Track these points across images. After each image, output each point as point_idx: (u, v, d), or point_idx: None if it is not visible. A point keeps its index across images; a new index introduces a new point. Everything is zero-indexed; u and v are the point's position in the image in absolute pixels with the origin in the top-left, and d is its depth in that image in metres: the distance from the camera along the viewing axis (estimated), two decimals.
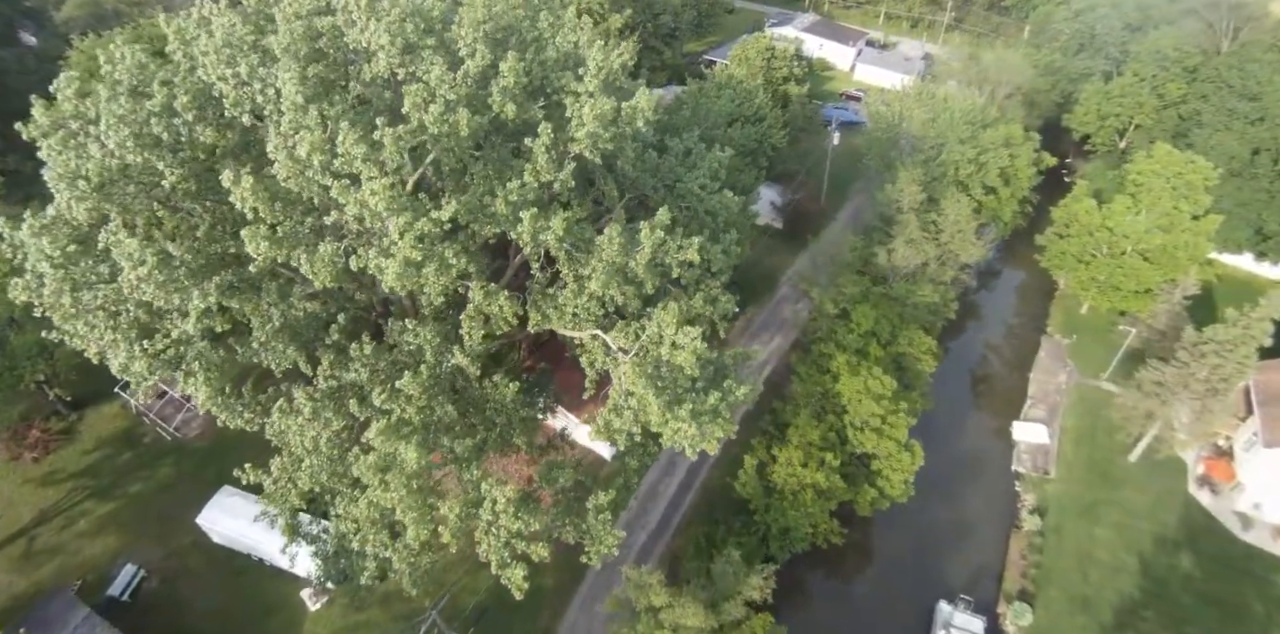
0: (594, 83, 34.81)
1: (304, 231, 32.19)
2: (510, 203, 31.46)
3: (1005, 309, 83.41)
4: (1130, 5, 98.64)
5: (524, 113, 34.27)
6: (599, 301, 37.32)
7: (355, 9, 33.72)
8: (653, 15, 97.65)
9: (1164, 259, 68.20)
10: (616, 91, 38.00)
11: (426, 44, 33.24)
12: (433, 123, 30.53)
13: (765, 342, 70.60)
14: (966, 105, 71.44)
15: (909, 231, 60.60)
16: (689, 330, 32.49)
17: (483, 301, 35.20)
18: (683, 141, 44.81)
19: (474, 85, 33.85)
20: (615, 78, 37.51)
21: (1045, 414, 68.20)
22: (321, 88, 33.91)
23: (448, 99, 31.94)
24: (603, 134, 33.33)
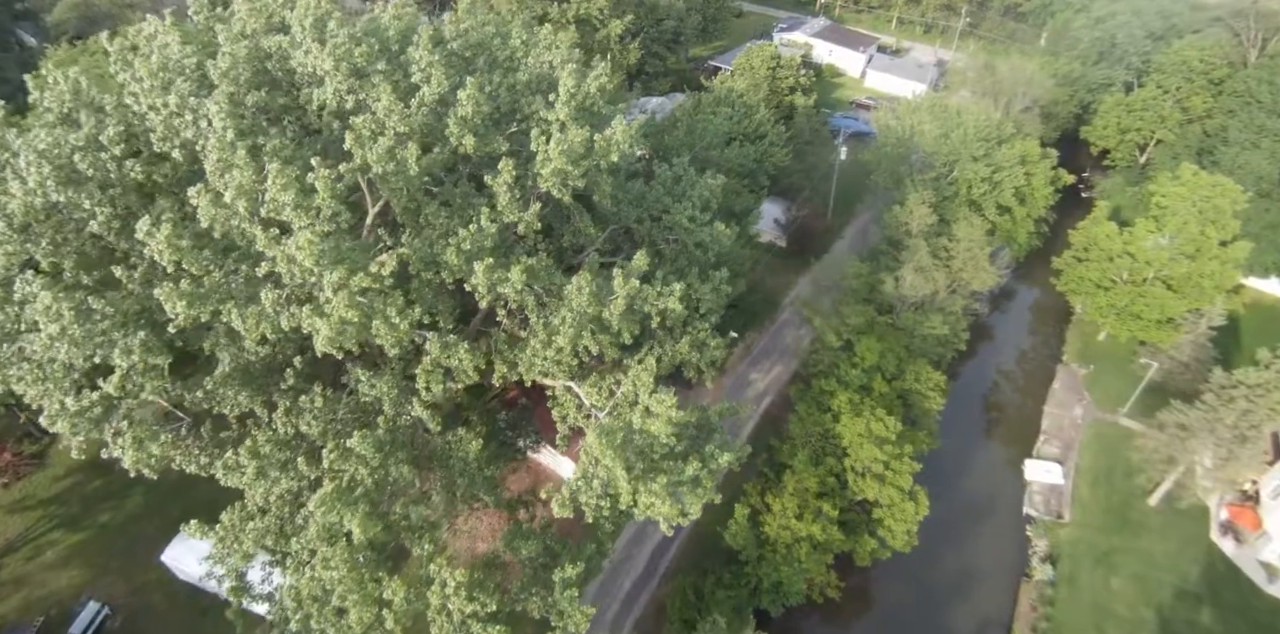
0: (564, 111, 30.98)
1: (238, 281, 28.56)
2: (463, 251, 27.70)
3: (1019, 334, 79.14)
4: (1152, 13, 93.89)
5: (486, 145, 30.53)
6: (571, 351, 33.59)
7: (300, 30, 30.03)
8: (655, 20, 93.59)
9: (1188, 288, 63.88)
10: (593, 117, 34.14)
11: (377, 69, 29.52)
12: (377, 160, 26.82)
13: (765, 370, 66.72)
14: (980, 120, 67.19)
15: (918, 258, 56.55)
16: (663, 398, 28.66)
17: (440, 354, 31.52)
18: (671, 168, 40.95)
19: (430, 115, 30.13)
20: (593, 102, 33.64)
21: (1060, 451, 64.06)
22: (261, 118, 30.30)
23: (398, 131, 28.26)
24: (571, 170, 29.54)
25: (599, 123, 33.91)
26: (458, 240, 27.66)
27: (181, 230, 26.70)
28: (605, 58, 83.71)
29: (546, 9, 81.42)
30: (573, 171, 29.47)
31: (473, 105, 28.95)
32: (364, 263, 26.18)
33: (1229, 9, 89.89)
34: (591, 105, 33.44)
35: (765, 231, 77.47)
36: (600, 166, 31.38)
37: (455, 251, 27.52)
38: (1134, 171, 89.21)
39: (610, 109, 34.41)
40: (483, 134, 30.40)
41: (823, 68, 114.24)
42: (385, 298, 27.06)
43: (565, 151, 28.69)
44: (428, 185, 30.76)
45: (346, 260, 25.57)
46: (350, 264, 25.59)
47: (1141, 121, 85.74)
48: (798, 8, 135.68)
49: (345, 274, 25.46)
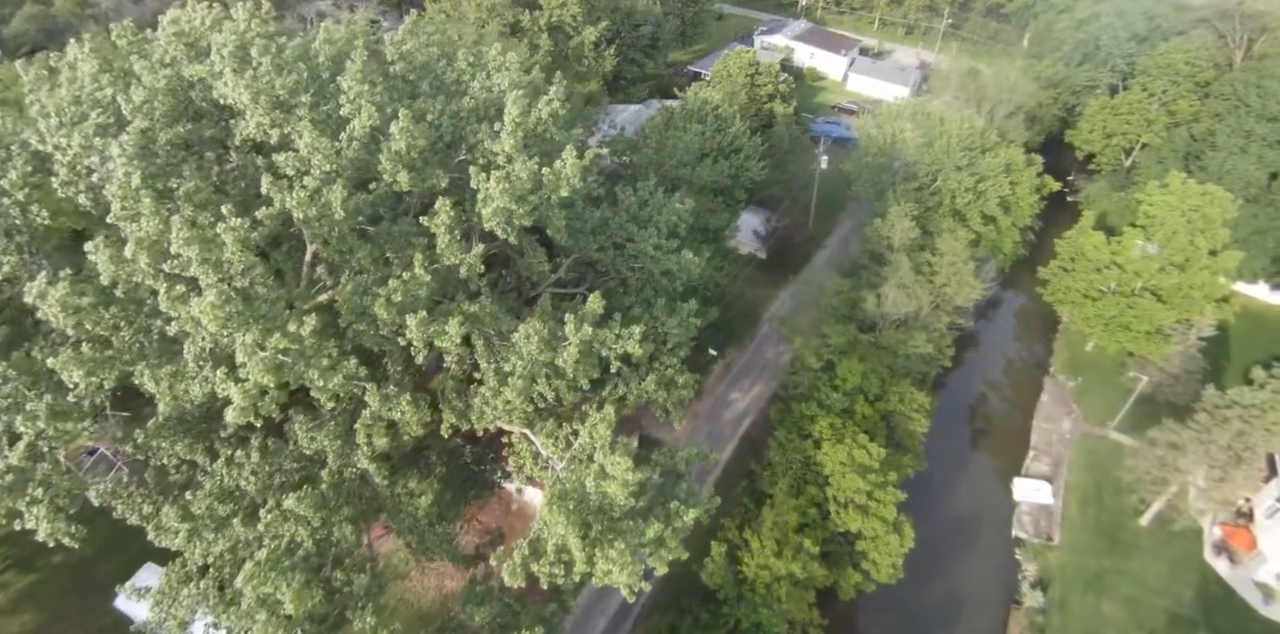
0: (510, 142, 28.26)
1: (152, 339, 25.79)
2: (393, 304, 24.99)
3: (1005, 343, 76.85)
4: (1137, 14, 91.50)
5: (424, 180, 27.79)
6: (525, 399, 30.95)
7: (219, 59, 27.23)
8: (632, 26, 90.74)
9: (1178, 298, 61.59)
10: (546, 144, 31.43)
11: (301, 101, 26.73)
12: (297, 206, 24.09)
13: (744, 389, 64.16)
14: (964, 129, 64.70)
15: (900, 274, 54.07)
16: (619, 460, 26.02)
17: (380, 408, 28.85)
18: (637, 192, 38.28)
19: (363, 149, 27.38)
20: (545, 129, 30.91)
21: (1049, 468, 61.79)
22: (180, 155, 27.48)
23: (324, 170, 25.52)
24: (516, 209, 26.84)
25: (553, 150, 31.19)
26: (388, 291, 24.95)
27: (84, 287, 23.89)
28: (578, 66, 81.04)
29: (518, 17, 78.54)
30: (518, 210, 26.79)
31: (406, 139, 26.22)
32: (282, 321, 23.43)
33: (1214, 10, 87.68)
34: (544, 132, 30.71)
35: (745, 243, 74.83)
36: (551, 201, 28.68)
37: (385, 304, 24.82)
38: (1120, 176, 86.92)
39: (565, 135, 31.63)
40: (421, 168, 27.66)
41: (804, 71, 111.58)
42: (312, 355, 24.32)
43: (508, 190, 25.96)
44: (363, 225, 28.03)
45: (261, 320, 22.82)
46: (265, 324, 22.85)
47: (1127, 125, 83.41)
48: (779, 10, 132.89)
49: (260, 335, 22.74)
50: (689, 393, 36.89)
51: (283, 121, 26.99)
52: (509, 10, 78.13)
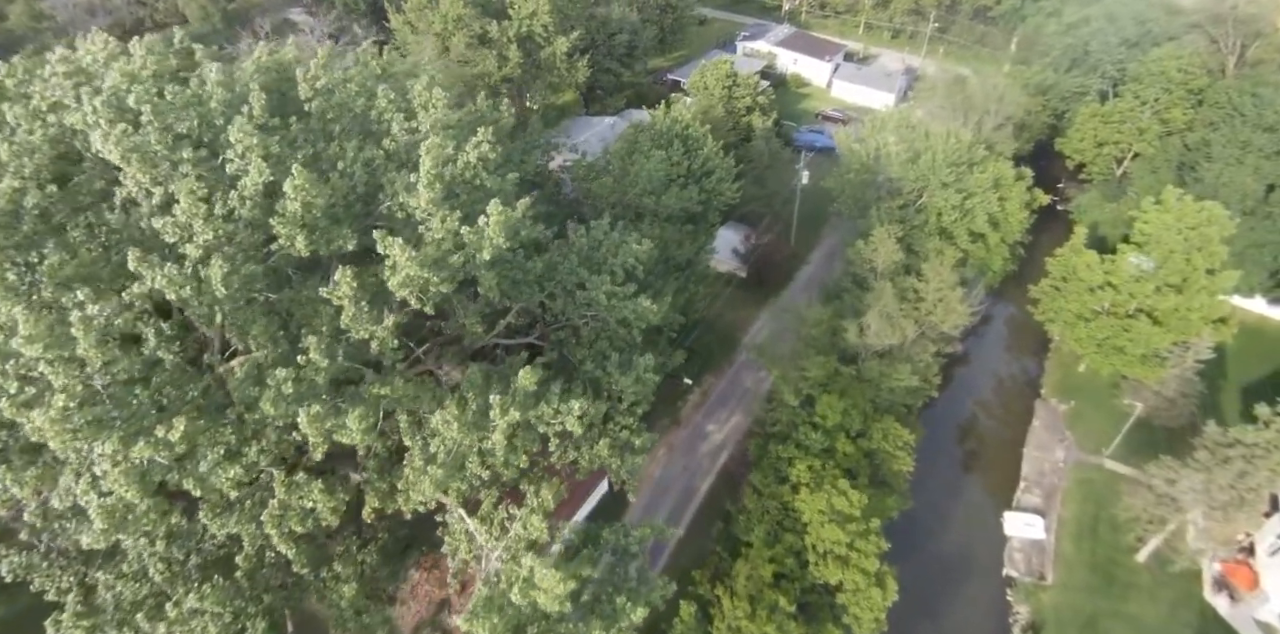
0: (427, 195, 24.62)
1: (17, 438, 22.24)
2: (283, 396, 21.41)
3: (995, 363, 73.39)
4: (1127, 19, 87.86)
5: (328, 242, 24.16)
6: (456, 478, 27.41)
7: (91, 110, 23.54)
8: (608, 35, 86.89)
9: (1174, 320, 58.22)
10: (476, 191, 27.81)
11: (183, 158, 23.07)
12: (169, 285, 20.51)
13: (722, 419, 60.74)
14: (950, 144, 61.16)
15: (883, 303, 50.59)
16: (548, 573, 22.51)
17: (287, 496, 25.28)
18: (589, 231, 34.70)
19: (260, 209, 23.75)
20: (474, 175, 27.30)
21: (1041, 500, 58.50)
22: (54, 219, 23.84)
23: (206, 238, 21.91)
24: (431, 277, 23.24)
25: (486, 198, 27.56)
26: (277, 380, 21.35)
27: None
28: (550, 77, 77.21)
29: (486, 27, 74.71)
30: (433, 278, 23.18)
31: (302, 197, 22.60)
32: (150, 424, 19.83)
33: (1207, 15, 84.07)
34: (473, 179, 27.07)
35: (723, 261, 71.43)
36: (477, 260, 25.09)
37: (274, 397, 21.23)
38: (1112, 185, 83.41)
39: (497, 181, 28.00)
40: (326, 228, 24.03)
41: (787, 78, 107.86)
42: (189, 457, 20.73)
43: (416, 258, 22.34)
44: (263, 292, 24.38)
45: (122, 426, 19.24)
46: (127, 429, 19.28)
47: (1119, 134, 79.94)
48: (763, 14, 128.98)
49: (120, 444, 19.17)
50: (643, 459, 33.33)
51: (166, 178, 23.38)
52: (476, 21, 74.28)
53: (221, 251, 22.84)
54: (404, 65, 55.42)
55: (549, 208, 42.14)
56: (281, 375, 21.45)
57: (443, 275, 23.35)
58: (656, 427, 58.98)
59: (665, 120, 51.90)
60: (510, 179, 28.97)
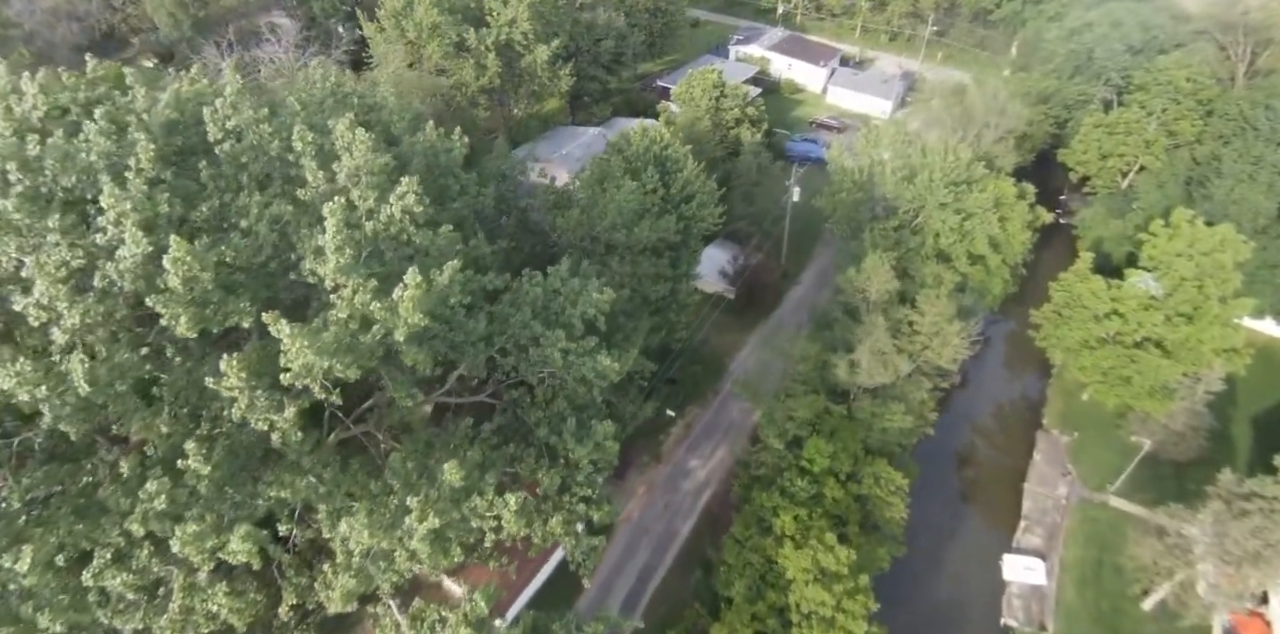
0: (336, 261, 20.88)
1: None
2: (155, 515, 17.74)
3: (993, 389, 69.59)
4: (1132, 24, 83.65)
5: (224, 319, 20.43)
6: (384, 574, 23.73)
7: None
8: (593, 41, 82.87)
9: (1185, 352, 54.52)
10: (403, 247, 24.02)
11: (48, 226, 19.33)
12: (20, 383, 16.86)
13: (706, 454, 57.04)
14: (948, 162, 57.29)
15: (875, 339, 46.86)
16: None
17: (187, 601, 21.62)
18: (545, 280, 30.95)
19: (140, 281, 20.00)
20: (400, 230, 23.53)
21: (1042, 541, 54.87)
22: None
23: (72, 323, 18.20)
24: (334, 364, 19.52)
25: (417, 257, 23.77)
26: (149, 494, 17.67)
27: None
28: (532, 85, 73.21)
29: (463, 35, 70.74)
30: (337, 364, 19.46)
31: (182, 273, 18.88)
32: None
33: (1216, 22, 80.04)
34: (399, 234, 23.29)
35: (710, 282, 67.68)
36: (395, 336, 21.35)
37: (141, 517, 17.56)
38: (1116, 199, 79.47)
39: (428, 236, 24.20)
40: (219, 301, 20.27)
41: (781, 83, 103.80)
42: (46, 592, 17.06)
43: (312, 346, 18.60)
44: (151, 373, 20.65)
45: None
46: None
47: (1125, 146, 75.99)
48: (758, 16, 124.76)
49: None
50: (602, 541, 29.54)
51: (35, 248, 19.68)
52: (453, 28, 70.29)
53: (96, 335, 19.12)
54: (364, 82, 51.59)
55: (509, 243, 38.36)
56: (152, 489, 17.82)
57: (348, 360, 19.68)
58: (636, 463, 55.47)
59: (643, 140, 48.02)
60: (445, 234, 25.23)
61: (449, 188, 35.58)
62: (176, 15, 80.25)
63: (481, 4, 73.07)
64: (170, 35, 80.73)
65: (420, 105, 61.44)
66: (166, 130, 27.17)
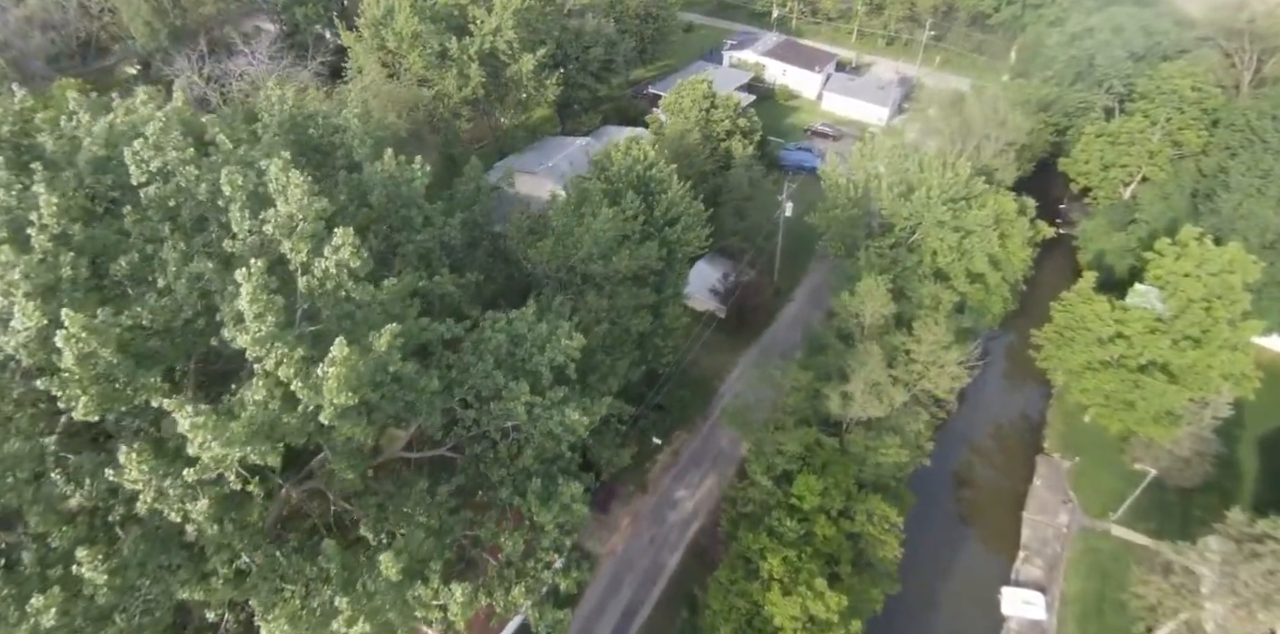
0: (256, 331, 18.46)
1: None
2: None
3: (991, 409, 67.02)
4: (1135, 30, 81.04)
5: (130, 397, 18.03)
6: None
7: None
8: (582, 48, 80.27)
9: (1192, 377, 52.13)
10: (342, 305, 21.58)
11: None
12: None
13: (694, 483, 54.68)
14: (947, 179, 54.83)
15: (869, 369, 44.47)
16: None
17: None
18: (509, 325, 28.53)
19: (35, 355, 17.61)
20: (337, 285, 21.12)
21: (1042, 573, 52.57)
22: None
23: None
24: (248, 453, 17.12)
25: (357, 314, 21.33)
26: (34, 608, 15.29)
27: None
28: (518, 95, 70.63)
29: (445, 44, 68.15)
30: (252, 453, 17.06)
31: (77, 350, 16.48)
32: None
33: (1220, 28, 77.52)
34: (335, 290, 20.88)
35: (701, 299, 65.26)
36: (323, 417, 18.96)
37: None
38: (1118, 210, 76.96)
39: (366, 291, 21.76)
40: (128, 376, 17.85)
41: (775, 90, 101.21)
42: None
43: (223, 435, 16.21)
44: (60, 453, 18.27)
45: None
46: None
47: (1127, 157, 73.50)
48: (752, 20, 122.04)
49: None
50: (567, 616, 27.14)
51: None
52: (435, 37, 67.72)
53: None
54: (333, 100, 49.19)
55: (479, 276, 35.91)
56: (39, 604, 15.46)
57: (266, 447, 17.28)
58: (621, 494, 53.12)
59: (625, 159, 45.54)
60: (389, 288, 22.79)
61: (412, 219, 33.14)
62: (153, 24, 77.63)
63: (465, 12, 70.49)
64: (147, 45, 78.08)
65: (398, 119, 59.00)
66: (94, 168, 24.77)
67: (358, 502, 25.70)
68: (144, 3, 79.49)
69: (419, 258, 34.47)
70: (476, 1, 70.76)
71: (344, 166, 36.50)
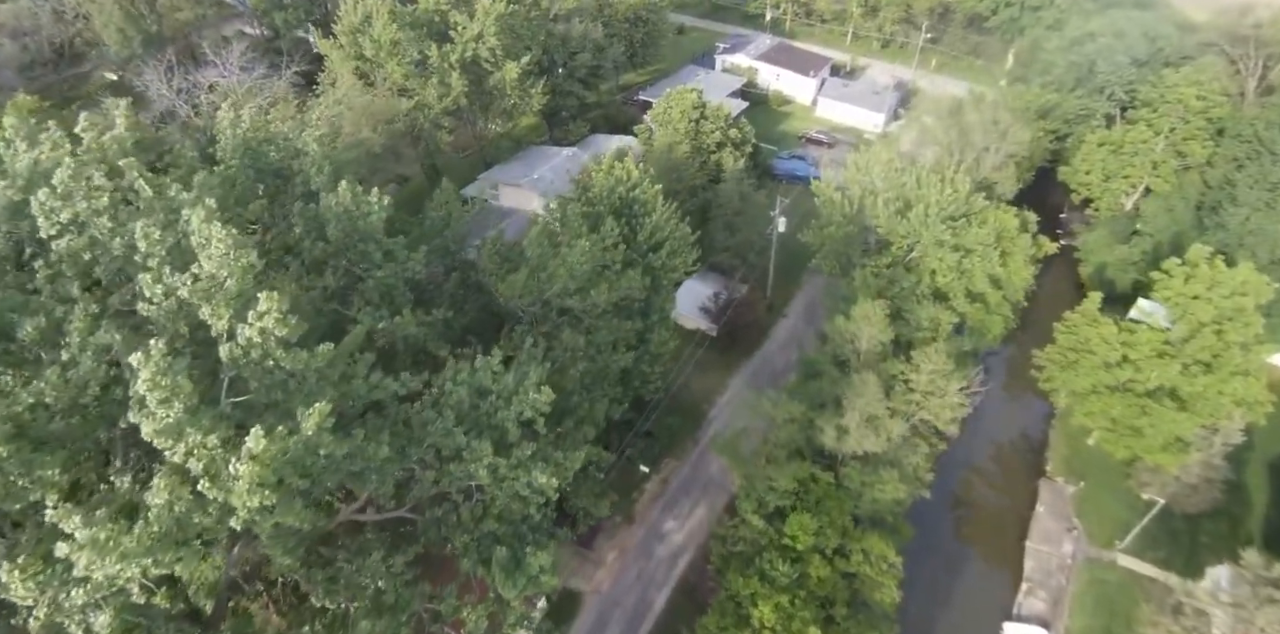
0: (165, 415, 15.87)
1: None
2: None
3: (991, 431, 64.32)
4: (1137, 35, 78.58)
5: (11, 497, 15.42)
6: None
7: None
8: (569, 54, 77.59)
9: (1203, 404, 49.76)
10: (269, 375, 19.02)
11: None
12: None
13: (683, 514, 52.15)
14: (946, 196, 52.33)
15: (866, 402, 42.00)
16: None
17: None
18: (471, 376, 25.99)
19: None
20: (266, 353, 18.57)
21: (1047, 606, 50.23)
22: None
23: None
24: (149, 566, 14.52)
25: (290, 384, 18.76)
26: None
27: None
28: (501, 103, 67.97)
29: (425, 52, 65.46)
30: (153, 564, 14.49)
31: None
32: None
33: (1225, 33, 75.10)
34: (263, 360, 18.31)
35: (691, 318, 62.78)
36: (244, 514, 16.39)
37: None
38: (1121, 222, 74.57)
39: (301, 358, 19.21)
40: (21, 467, 15.25)
41: (769, 95, 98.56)
42: None
43: (115, 551, 13.62)
44: None
45: None
46: None
47: (1131, 168, 71.10)
48: (746, 22, 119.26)
49: None
50: None
51: None
52: (414, 44, 65.01)
53: None
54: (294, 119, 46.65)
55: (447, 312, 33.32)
56: None
57: (171, 557, 14.71)
58: (606, 527, 50.61)
59: (607, 180, 42.94)
60: (323, 354, 20.21)
61: (370, 254, 30.53)
62: (126, 31, 74.67)
63: (446, 18, 67.76)
64: (120, 53, 75.15)
65: (372, 133, 56.32)
66: (10, 214, 22.14)
67: (304, 574, 23.14)
68: (117, 8, 76.51)
69: (380, 294, 31.90)
70: (459, 7, 68.05)
71: (302, 193, 33.87)
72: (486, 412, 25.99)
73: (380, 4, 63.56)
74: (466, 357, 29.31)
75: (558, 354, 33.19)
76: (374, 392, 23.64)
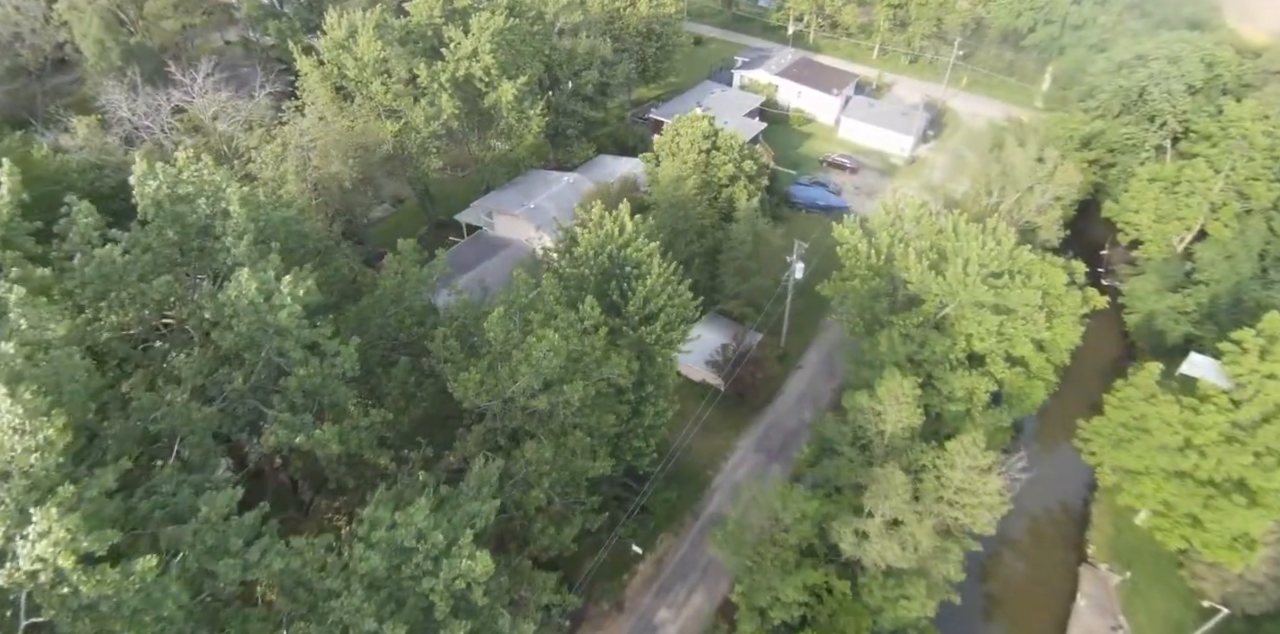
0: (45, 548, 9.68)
1: None
2: None
3: (1025, 501, 56.97)
4: (1194, 61, 70.90)
5: None
6: None
7: None
8: (573, 72, 71.04)
9: (1275, 500, 42.65)
10: (67, 599, 12.77)
11: None
12: None
13: (679, 600, 45.68)
14: (988, 251, 45.41)
15: (893, 502, 35.35)
16: None
17: None
18: (389, 533, 19.70)
19: None
20: (58, 578, 12.30)
21: None
22: None
23: None
24: None
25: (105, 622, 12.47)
26: None
27: None
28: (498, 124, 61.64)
29: (415, 71, 59.18)
30: None
31: None
32: None
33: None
34: (57, 583, 12.04)
35: (697, 369, 56.30)
36: None
37: None
38: (1173, 266, 66.91)
39: (111, 582, 12.99)
40: None
41: (789, 114, 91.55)
42: None
43: None
44: None
45: None
46: None
47: (1188, 209, 63.64)
48: (767, 33, 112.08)
49: None
50: None
51: None
52: (402, 61, 58.75)
53: None
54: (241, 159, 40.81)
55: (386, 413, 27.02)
56: None
57: None
58: (591, 615, 44.31)
59: (595, 235, 36.42)
60: (147, 570, 13.81)
61: (288, 351, 24.23)
62: (105, 42, 68.89)
63: (440, 33, 61.42)
64: (98, 66, 69.41)
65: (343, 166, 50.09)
66: None
67: None
68: (95, 17, 70.77)
69: (306, 394, 25.61)
70: (454, 20, 61.68)
71: (230, 265, 27.79)
72: (408, 579, 19.74)
73: (366, 18, 57.27)
74: (404, 474, 23.01)
75: (519, 468, 26.78)
76: (250, 572, 17.38)
